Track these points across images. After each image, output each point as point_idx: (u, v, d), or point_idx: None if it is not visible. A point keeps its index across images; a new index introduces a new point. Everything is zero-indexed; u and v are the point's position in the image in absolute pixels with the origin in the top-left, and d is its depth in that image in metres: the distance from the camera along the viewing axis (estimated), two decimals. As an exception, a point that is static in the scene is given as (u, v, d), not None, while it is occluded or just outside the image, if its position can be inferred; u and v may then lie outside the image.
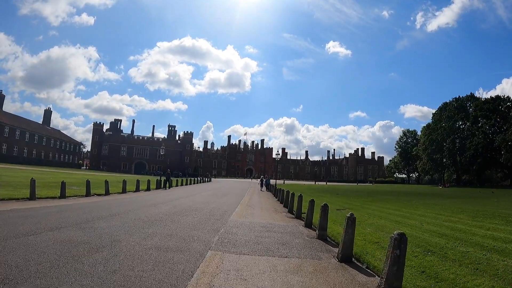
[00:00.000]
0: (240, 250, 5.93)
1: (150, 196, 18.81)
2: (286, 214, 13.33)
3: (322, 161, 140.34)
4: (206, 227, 8.21)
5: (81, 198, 15.48)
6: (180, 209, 11.99)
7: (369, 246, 6.76)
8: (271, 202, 19.42)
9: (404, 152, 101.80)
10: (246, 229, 8.43)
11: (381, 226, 9.53)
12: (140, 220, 8.77)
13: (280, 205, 17.37)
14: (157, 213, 10.44)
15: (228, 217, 10.61)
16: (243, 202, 17.22)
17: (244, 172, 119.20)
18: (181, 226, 8.17)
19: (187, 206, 13.58)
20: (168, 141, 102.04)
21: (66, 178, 28.46)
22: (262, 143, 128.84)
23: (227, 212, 12.17)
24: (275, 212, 13.52)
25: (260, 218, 11.21)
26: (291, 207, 14.26)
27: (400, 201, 20.03)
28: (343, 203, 18.22)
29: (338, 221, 10.39)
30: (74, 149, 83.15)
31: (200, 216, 10.49)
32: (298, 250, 6.31)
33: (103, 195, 17.65)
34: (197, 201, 16.23)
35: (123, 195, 18.32)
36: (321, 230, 8.02)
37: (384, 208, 15.64)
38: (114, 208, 11.37)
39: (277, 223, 10.15)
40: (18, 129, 59.88)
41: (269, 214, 12.58)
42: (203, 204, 14.93)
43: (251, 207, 15.09)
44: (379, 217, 11.79)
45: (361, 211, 14.34)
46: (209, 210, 12.50)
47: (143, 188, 23.70)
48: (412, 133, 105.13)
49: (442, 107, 76.47)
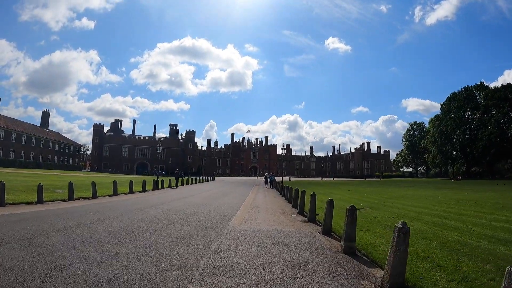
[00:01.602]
0: (236, 283, 3.92)
1: (143, 198, 16.89)
2: (296, 216, 11.32)
3: (328, 156, 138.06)
4: (195, 241, 6.21)
5: (63, 202, 13.66)
6: (169, 214, 10.02)
7: (424, 267, 4.73)
8: (278, 201, 17.42)
9: (412, 145, 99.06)
10: (247, 241, 6.42)
11: (422, 232, 7.46)
12: (111, 232, 6.79)
13: (288, 205, 15.36)
14: (138, 221, 8.45)
15: (227, 224, 8.61)
16: (246, 203, 15.22)
17: (248, 170, 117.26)
18: (161, 240, 6.17)
19: (180, 209, 11.61)
20: (170, 141, 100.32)
21: (57, 180, 26.67)
22: (266, 140, 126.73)
23: (226, 216, 10.17)
24: (283, 214, 11.50)
25: (266, 223, 9.20)
26: (301, 207, 12.23)
27: (422, 197, 17.86)
28: (359, 200, 16.14)
29: (362, 225, 8.36)
30: (74, 151, 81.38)
31: (192, 223, 8.49)
32: (322, 278, 4.28)
33: (89, 198, 15.81)
34: (193, 203, 14.27)
35: (113, 198, 16.41)
36: (348, 241, 6.00)
37: (410, 205, 13.51)
38: (89, 215, 9.40)
39: (287, 230, 8.13)
40: (13, 132, 58.15)
41: (276, 217, 10.56)
42: (199, 206, 12.96)
43: (255, 208, 13.09)
44: (410, 218, 9.72)
45: (382, 209, 12.29)
46: (205, 214, 10.52)
47: (138, 190, 21.77)
48: (419, 125, 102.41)
49: (450, 97, 73.61)
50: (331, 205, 8.06)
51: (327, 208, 7.97)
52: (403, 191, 23.55)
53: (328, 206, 8.00)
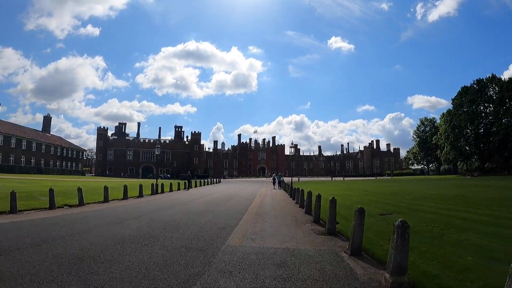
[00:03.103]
0: None
1: (135, 205, 15.02)
2: (311, 225, 9.30)
3: (336, 155, 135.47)
4: (168, 279, 4.20)
5: (40, 211, 11.98)
6: (154, 228, 8.05)
7: None
8: (288, 206, 15.38)
9: (423, 141, 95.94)
10: (247, 276, 4.40)
11: (490, 252, 5.38)
12: (56, 259, 4.83)
13: (300, 210, 13.33)
14: (106, 239, 6.51)
15: (224, 241, 6.62)
16: (252, 209, 13.20)
17: (256, 171, 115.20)
18: (119, 275, 4.19)
19: (171, 219, 9.66)
20: (175, 143, 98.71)
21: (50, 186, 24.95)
22: (274, 140, 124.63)
23: (225, 229, 8.17)
24: (295, 224, 9.47)
25: (275, 238, 7.18)
26: (317, 214, 10.18)
27: (451, 198, 15.58)
28: (382, 203, 13.98)
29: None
30: (77, 155, 79.85)
31: (177, 241, 6.52)
32: None
33: (75, 206, 14.02)
34: (189, 211, 12.33)
35: (102, 205, 14.58)
36: (398, 273, 4.00)
37: (444, 209, 11.30)
38: (52, 230, 7.50)
39: (302, 249, 6.12)
40: (13, 137, 56.64)
41: (287, 229, 8.53)
42: (196, 215, 10.99)
43: (261, 216, 11.07)
44: (459, 228, 7.62)
45: (412, 215, 10.18)
46: (199, 226, 8.54)
47: (134, 195, 19.92)
48: (430, 121, 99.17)
49: (462, 91, 70.55)
50: (361, 215, 6.02)
51: (357, 220, 5.93)
52: (425, 190, 21.27)
53: (357, 217, 5.97)
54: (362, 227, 6.08)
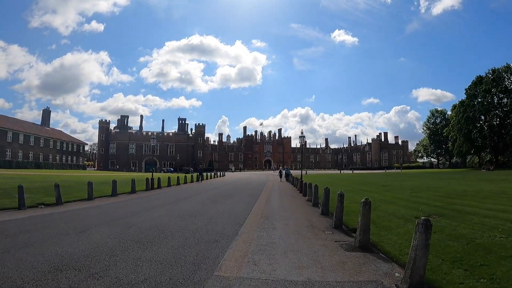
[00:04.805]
0: None
1: (122, 203, 13.01)
2: (332, 233, 7.15)
3: (344, 148, 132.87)
4: None
5: (7, 212, 10.04)
6: (120, 241, 5.95)
7: None
8: (299, 204, 13.18)
9: (433, 133, 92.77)
10: None
11: None
12: None
13: (314, 210, 11.18)
14: (47, 262, 4.40)
15: (213, 268, 4.47)
16: (256, 210, 11.03)
17: (262, 164, 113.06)
18: None
19: (151, 226, 7.57)
20: (178, 136, 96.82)
21: (39, 181, 23.16)
22: (280, 133, 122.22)
23: (217, 242, 6.02)
24: (313, 232, 7.28)
25: (288, 259, 5.02)
26: (338, 217, 7.99)
27: (492, 195, 13.28)
28: (410, 202, 11.70)
29: (468, 259, 4.13)
30: (77, 149, 78.09)
31: (142, 269, 4.38)
32: None
33: (52, 205, 12.06)
34: (178, 213, 10.22)
35: (84, 204, 12.58)
36: None
37: (503, 212, 8.95)
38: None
39: (332, 283, 3.94)
40: (9, 131, 54.70)
41: (303, 241, 6.36)
42: (184, 219, 8.87)
43: (268, 220, 8.88)
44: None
45: (459, 219, 7.97)
46: (184, 238, 6.40)
47: (126, 191, 17.93)
48: (441, 112, 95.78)
49: (476, 80, 67.14)
50: (427, 231, 3.87)
51: (420, 238, 3.79)
52: (451, 185, 18.96)
53: (421, 234, 3.83)
54: (427, 250, 3.91)
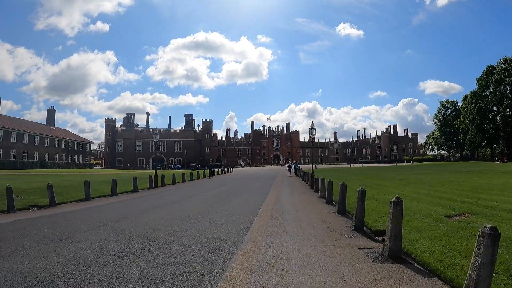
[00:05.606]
0: None
1: (118, 204, 12.21)
2: (353, 237, 6.13)
3: (352, 142, 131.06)
4: None
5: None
6: (99, 253, 5.02)
7: None
8: (311, 202, 12.14)
9: (444, 125, 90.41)
10: None
11: None
12: None
13: (328, 208, 10.17)
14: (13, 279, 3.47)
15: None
16: (265, 210, 10.02)
17: (270, 159, 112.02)
18: None
19: (141, 233, 6.63)
20: (185, 132, 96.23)
21: (38, 182, 22.47)
22: (288, 127, 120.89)
23: (219, 253, 5.05)
24: (330, 237, 6.25)
25: (304, 276, 4.04)
26: (359, 218, 6.94)
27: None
28: (434, 197, 10.59)
29: None
30: (84, 148, 77.85)
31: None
32: None
33: (46, 206, 11.29)
34: (179, 215, 9.30)
35: (77, 205, 11.78)
36: None
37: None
38: None
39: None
40: (14, 131, 54.26)
41: (322, 249, 5.34)
42: (183, 222, 7.92)
43: (278, 222, 7.87)
44: None
45: (498, 218, 6.90)
46: (179, 247, 5.44)
47: (127, 190, 17.13)
48: (451, 104, 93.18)
49: (488, 70, 64.86)
50: (494, 244, 2.83)
51: (486, 253, 2.76)
52: (473, 179, 17.71)
53: (487, 246, 2.79)
54: (493, 268, 2.87)
